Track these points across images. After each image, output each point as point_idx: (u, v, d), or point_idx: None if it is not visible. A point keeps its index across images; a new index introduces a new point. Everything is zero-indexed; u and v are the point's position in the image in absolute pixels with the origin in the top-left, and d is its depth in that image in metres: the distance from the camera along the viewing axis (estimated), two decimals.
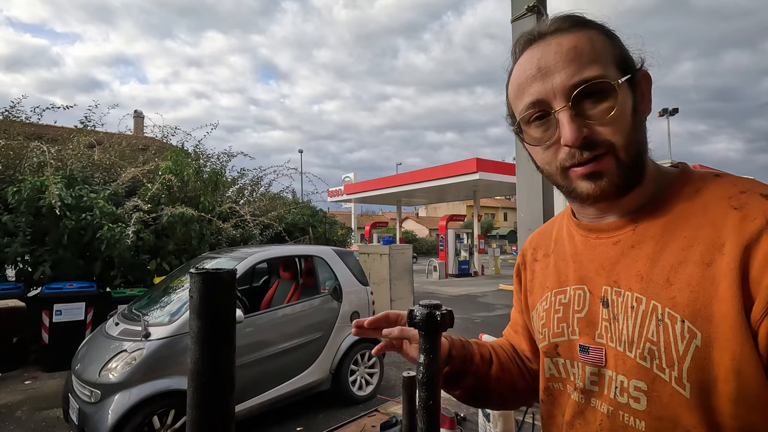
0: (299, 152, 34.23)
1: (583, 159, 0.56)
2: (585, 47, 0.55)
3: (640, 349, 0.54)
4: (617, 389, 0.56)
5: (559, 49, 0.56)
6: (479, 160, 15.13)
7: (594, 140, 0.55)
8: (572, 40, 0.56)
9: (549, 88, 0.56)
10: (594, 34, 0.57)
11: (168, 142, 9.05)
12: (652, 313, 0.53)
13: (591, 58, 0.55)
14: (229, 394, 0.38)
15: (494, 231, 45.56)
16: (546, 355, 0.69)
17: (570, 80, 0.54)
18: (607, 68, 0.55)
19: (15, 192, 5.35)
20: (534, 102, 0.58)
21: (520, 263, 0.82)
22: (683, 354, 0.50)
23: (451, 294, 12.25)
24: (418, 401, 0.55)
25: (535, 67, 0.57)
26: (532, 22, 2.10)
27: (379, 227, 26.61)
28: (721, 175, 0.58)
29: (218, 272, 0.37)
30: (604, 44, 0.57)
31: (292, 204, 9.17)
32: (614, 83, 0.54)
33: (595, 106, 0.55)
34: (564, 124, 0.55)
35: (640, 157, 0.57)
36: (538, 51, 0.58)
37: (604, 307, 0.59)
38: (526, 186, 2.16)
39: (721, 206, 0.53)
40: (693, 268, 0.51)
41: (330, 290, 4.20)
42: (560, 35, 0.57)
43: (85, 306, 5.16)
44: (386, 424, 1.43)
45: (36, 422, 3.77)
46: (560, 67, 0.55)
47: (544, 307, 0.70)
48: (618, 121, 0.55)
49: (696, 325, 0.49)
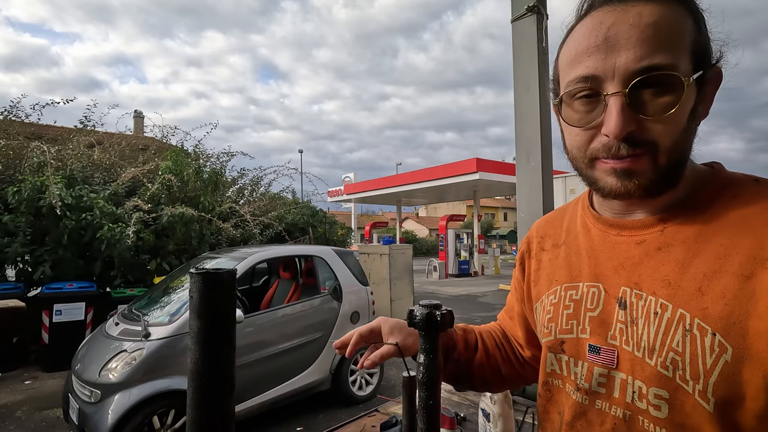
0: (299, 152, 34.26)
1: (619, 154, 0.51)
2: (667, 27, 0.48)
3: (662, 357, 0.51)
4: (635, 394, 0.54)
5: (637, 21, 0.48)
6: (479, 160, 15.12)
7: (639, 137, 0.50)
8: (655, 14, 0.48)
9: (610, 66, 0.49)
10: (683, 11, 0.50)
11: (168, 142, 9.05)
12: (679, 322, 0.50)
13: (669, 42, 0.48)
14: (229, 394, 0.38)
15: (494, 231, 45.56)
16: (550, 350, 0.67)
17: (637, 63, 0.48)
18: (681, 58, 0.49)
19: (15, 192, 5.35)
20: (587, 77, 0.51)
21: (524, 251, 0.79)
22: (711, 368, 0.47)
23: (451, 294, 12.25)
24: (418, 401, 0.55)
25: (603, 35, 0.50)
26: (532, 22, 2.10)
27: (379, 227, 26.60)
28: (761, 181, 0.54)
29: (218, 272, 0.37)
30: (689, 27, 0.50)
31: (292, 204, 9.17)
32: (684, 80, 0.48)
33: (655, 99, 0.49)
34: (612, 112, 0.49)
35: (681, 162, 0.53)
36: (612, 15, 0.50)
37: (621, 308, 0.56)
38: (526, 186, 2.16)
39: (765, 216, 0.49)
40: (730, 279, 0.48)
41: (330, 290, 4.20)
42: (644, 3, 0.49)
43: (85, 306, 5.16)
44: (386, 424, 1.43)
45: (36, 422, 3.77)
46: (631, 44, 0.48)
47: (552, 301, 0.67)
48: (673, 121, 0.49)
49: (728, 340, 0.47)
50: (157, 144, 9.02)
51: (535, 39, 2.10)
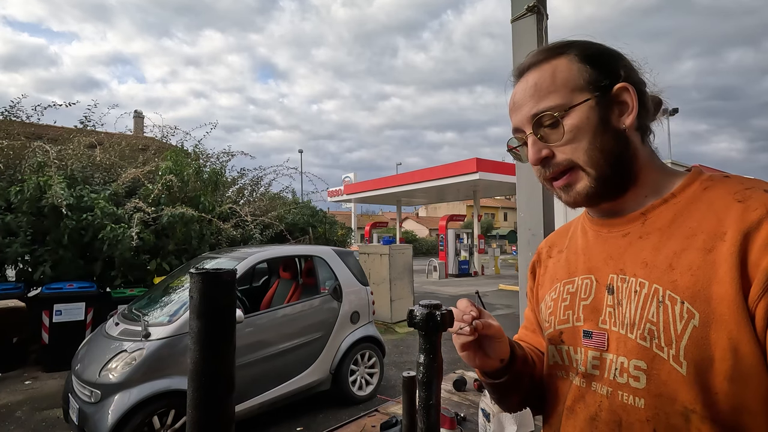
0: (299, 152, 34.24)
1: (547, 176, 0.66)
2: (545, 81, 0.64)
3: (640, 330, 0.57)
4: (617, 370, 0.59)
5: (525, 86, 0.66)
6: (479, 160, 15.11)
7: (555, 160, 0.64)
8: (536, 76, 0.65)
9: (519, 119, 0.67)
10: (563, 62, 0.64)
11: (168, 142, 9.05)
12: (654, 296, 0.56)
13: (549, 90, 0.63)
14: (229, 394, 0.38)
15: (494, 231, 45.54)
16: (551, 342, 0.71)
17: (529, 112, 0.65)
18: (565, 96, 0.62)
19: (18, 191, 5.35)
20: (514, 129, 0.70)
21: (535, 260, 0.85)
22: (681, 333, 0.53)
23: (451, 294, 12.24)
24: (418, 401, 0.55)
25: (512, 101, 0.69)
26: (532, 22, 2.10)
27: (379, 227, 26.59)
28: (730, 176, 0.61)
29: (218, 272, 0.37)
30: (570, 71, 0.63)
31: (292, 204, 9.16)
32: (557, 114, 0.62)
33: (553, 131, 0.63)
34: (528, 147, 0.66)
35: (618, 165, 0.62)
36: (516, 87, 0.69)
37: (609, 293, 0.63)
38: (526, 186, 2.16)
39: (726, 200, 0.56)
40: (695, 253, 0.55)
41: (330, 290, 4.20)
42: (531, 71, 0.66)
43: (85, 306, 5.16)
44: (386, 424, 1.43)
45: (36, 422, 3.77)
46: (525, 102, 0.66)
47: (552, 297, 0.73)
48: (574, 140, 0.62)
49: (695, 306, 0.52)
50: (157, 144, 9.01)
51: (535, 39, 2.10)
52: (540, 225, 2.06)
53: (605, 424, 0.59)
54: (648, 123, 0.66)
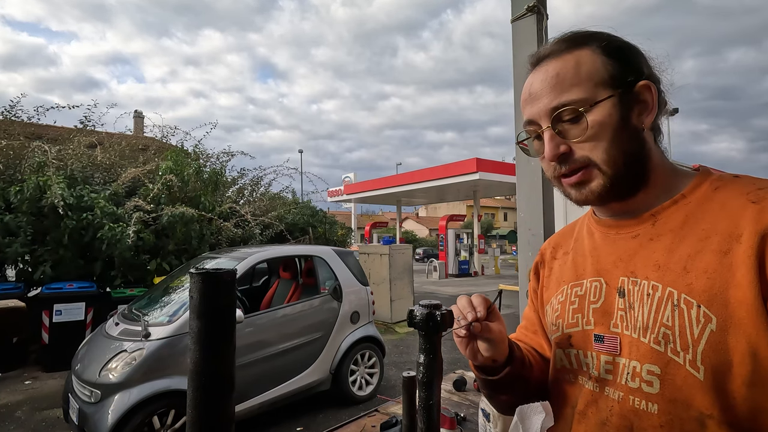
0: (299, 152, 34.25)
1: (563, 172, 0.63)
2: (568, 72, 0.61)
3: (654, 334, 0.55)
4: (629, 375, 0.58)
5: (545, 76, 0.63)
6: (479, 160, 15.12)
7: (572, 156, 0.61)
8: (557, 66, 0.62)
9: (536, 111, 0.63)
10: (586, 53, 0.61)
11: (168, 142, 9.04)
12: (668, 299, 0.55)
13: (572, 83, 0.60)
14: (229, 394, 0.38)
15: (494, 231, 45.54)
16: (558, 346, 0.70)
17: (549, 105, 0.61)
18: (589, 90, 0.59)
19: (18, 191, 5.35)
20: (528, 121, 0.66)
21: (538, 261, 0.84)
22: (698, 338, 0.51)
23: (451, 294, 12.23)
24: (418, 401, 0.55)
25: (528, 92, 0.65)
26: (532, 22, 2.10)
27: (379, 227, 26.59)
28: (740, 176, 0.60)
29: (218, 272, 0.37)
30: (594, 64, 0.60)
31: (292, 204, 9.16)
32: (583, 109, 0.59)
33: (573, 126, 0.60)
34: (545, 142, 0.63)
35: (633, 165, 0.61)
36: (533, 76, 0.65)
37: (620, 297, 0.61)
38: (526, 186, 2.16)
39: (740, 201, 0.55)
40: (710, 256, 0.53)
41: (330, 290, 4.20)
42: (552, 60, 0.63)
43: (85, 306, 5.16)
44: (386, 424, 1.43)
45: (36, 422, 3.77)
46: (545, 93, 0.62)
47: (560, 300, 0.71)
48: (595, 138, 0.59)
49: (712, 310, 0.51)
50: (157, 144, 9.02)
51: (536, 39, 2.10)
52: (540, 225, 2.06)
53: (615, 429, 0.59)
54: (659, 123, 0.65)
